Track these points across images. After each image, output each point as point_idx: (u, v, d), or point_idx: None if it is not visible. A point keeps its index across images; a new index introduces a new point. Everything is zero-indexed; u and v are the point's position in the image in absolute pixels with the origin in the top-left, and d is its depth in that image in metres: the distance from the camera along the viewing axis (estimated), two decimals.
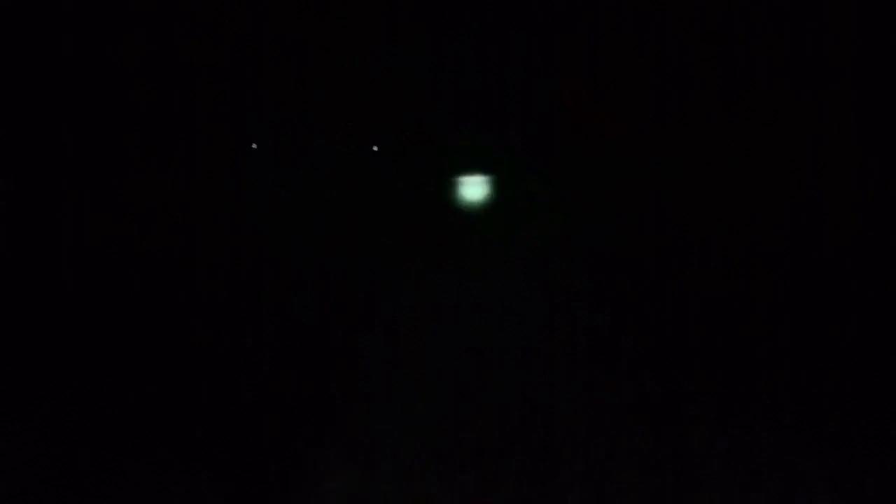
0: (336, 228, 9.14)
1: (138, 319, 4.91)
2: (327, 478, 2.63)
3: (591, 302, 4.92)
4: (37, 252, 8.08)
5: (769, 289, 5.07)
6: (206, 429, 3.08)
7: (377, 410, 3.19)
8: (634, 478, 2.56)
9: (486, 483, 2.57)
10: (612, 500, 2.45)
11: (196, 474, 2.71)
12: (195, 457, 2.84)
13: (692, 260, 6.36)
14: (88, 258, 7.57)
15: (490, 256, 6.89)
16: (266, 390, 3.49)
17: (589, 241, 7.54)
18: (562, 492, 2.49)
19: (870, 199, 8.61)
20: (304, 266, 6.71)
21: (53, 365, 4.01)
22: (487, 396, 3.30)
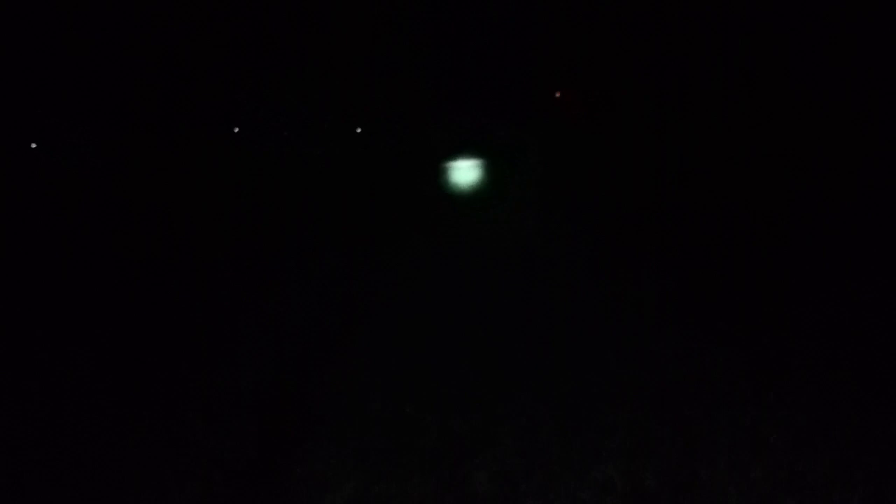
0: (328, 219, 9.15)
1: (136, 316, 4.91)
2: (326, 475, 2.63)
3: (586, 295, 4.92)
4: (36, 250, 8.07)
5: (765, 283, 5.07)
6: (203, 423, 3.09)
7: (375, 407, 3.20)
8: (634, 470, 2.57)
9: (483, 478, 2.58)
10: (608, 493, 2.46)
11: (196, 472, 2.71)
12: (195, 454, 2.84)
13: (686, 252, 6.38)
14: (87, 253, 7.58)
15: (481, 245, 6.91)
16: (265, 387, 3.50)
17: (584, 235, 7.56)
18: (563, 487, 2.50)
19: (861, 195, 8.61)
20: (297, 257, 6.73)
21: (54, 364, 4.01)
22: (486, 392, 3.31)
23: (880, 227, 6.95)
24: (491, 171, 16.71)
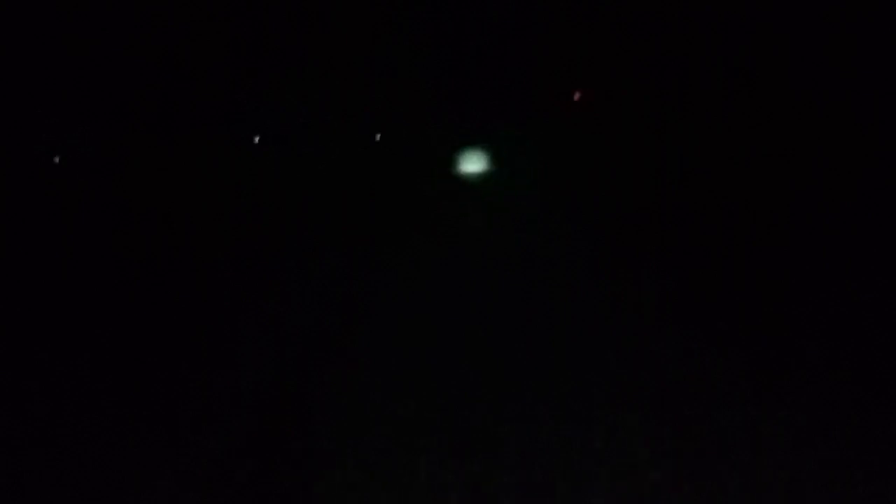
0: (337, 219, 9.16)
1: (136, 315, 4.91)
2: (325, 475, 2.63)
3: (586, 295, 4.92)
4: (36, 250, 8.08)
5: (765, 283, 5.07)
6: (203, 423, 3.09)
7: (375, 407, 3.20)
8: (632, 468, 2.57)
9: (484, 477, 2.57)
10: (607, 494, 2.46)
11: (196, 472, 2.71)
12: (195, 454, 2.84)
13: (681, 243, 6.38)
14: (88, 253, 7.58)
15: (481, 245, 6.92)
16: (265, 387, 3.50)
17: (584, 235, 7.56)
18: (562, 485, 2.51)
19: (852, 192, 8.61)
20: (303, 257, 6.73)
21: (54, 364, 4.01)
22: (486, 391, 3.32)
23: (880, 227, 6.95)
24: (491, 170, 16.71)
